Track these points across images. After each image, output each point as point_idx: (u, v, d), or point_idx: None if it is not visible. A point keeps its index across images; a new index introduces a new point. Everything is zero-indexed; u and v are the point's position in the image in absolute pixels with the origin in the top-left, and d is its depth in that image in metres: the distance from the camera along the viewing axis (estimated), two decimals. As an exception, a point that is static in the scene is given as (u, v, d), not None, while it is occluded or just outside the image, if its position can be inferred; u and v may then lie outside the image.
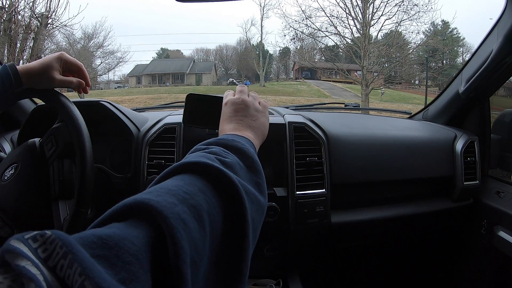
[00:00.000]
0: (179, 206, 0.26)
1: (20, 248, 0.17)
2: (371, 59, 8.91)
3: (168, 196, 0.26)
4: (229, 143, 0.40)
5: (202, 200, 0.28)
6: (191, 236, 0.25)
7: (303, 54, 11.66)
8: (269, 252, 0.88)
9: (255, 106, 0.52)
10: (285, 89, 15.01)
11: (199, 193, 0.29)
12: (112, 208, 0.25)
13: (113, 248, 0.20)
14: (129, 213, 0.25)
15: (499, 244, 0.95)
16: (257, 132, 0.49)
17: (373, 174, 0.95)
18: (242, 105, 0.51)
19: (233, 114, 0.50)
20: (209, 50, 21.42)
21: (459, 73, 1.10)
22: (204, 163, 0.32)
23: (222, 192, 0.31)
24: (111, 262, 0.19)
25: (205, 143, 0.40)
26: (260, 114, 0.52)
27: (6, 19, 5.92)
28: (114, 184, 0.87)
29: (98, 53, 10.59)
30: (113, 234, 0.21)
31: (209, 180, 0.32)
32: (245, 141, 0.43)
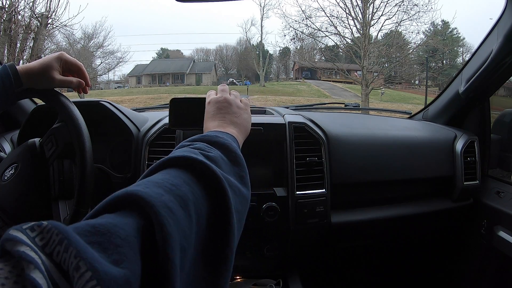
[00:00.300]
0: (165, 196, 0.27)
1: (18, 236, 0.18)
2: (371, 59, 8.91)
3: (155, 188, 0.28)
4: (212, 139, 0.42)
5: (187, 191, 0.30)
6: (179, 223, 0.26)
7: (303, 54, 11.66)
8: (269, 252, 0.88)
9: (237, 103, 0.54)
10: (285, 89, 15.00)
11: (185, 184, 0.31)
12: (104, 200, 0.27)
13: (105, 234, 0.21)
14: (120, 204, 0.26)
15: (499, 244, 0.95)
16: (240, 128, 0.51)
17: (373, 174, 0.95)
18: (224, 103, 0.53)
19: (216, 112, 0.52)
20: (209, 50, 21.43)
21: (459, 73, 1.10)
22: (189, 157, 0.34)
23: (206, 184, 0.33)
24: (103, 246, 0.21)
25: (189, 140, 0.42)
26: (242, 111, 0.54)
27: (6, 19, 5.92)
28: (114, 184, 0.87)
29: (98, 53, 10.59)
30: (105, 223, 0.23)
31: (194, 173, 0.33)
32: (228, 136, 0.45)
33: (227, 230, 0.32)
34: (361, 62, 8.62)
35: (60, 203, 0.70)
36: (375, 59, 9.06)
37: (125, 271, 0.20)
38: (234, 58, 20.61)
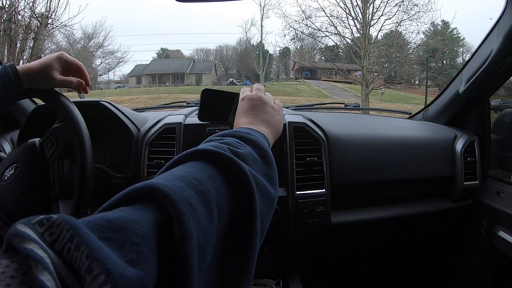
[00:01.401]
0: (187, 191, 0.26)
1: (26, 232, 0.17)
2: (371, 59, 8.91)
3: (177, 181, 0.26)
4: (244, 135, 0.40)
5: (211, 187, 0.28)
6: (199, 221, 0.25)
7: (303, 54, 11.66)
8: (269, 252, 0.88)
9: (271, 103, 0.53)
10: (285, 89, 15.01)
11: (209, 179, 0.29)
12: (121, 192, 0.25)
13: (121, 230, 0.20)
14: (138, 197, 0.25)
15: (499, 244, 0.95)
16: (272, 128, 0.50)
17: (373, 174, 0.95)
18: (259, 101, 0.51)
19: (250, 109, 0.50)
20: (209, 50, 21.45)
21: (459, 73, 1.10)
22: (216, 151, 0.32)
23: (231, 180, 0.31)
24: (118, 243, 0.19)
25: (219, 135, 0.40)
26: (276, 112, 0.52)
27: (6, 19, 5.92)
28: (114, 184, 0.87)
29: (98, 53, 10.61)
30: (121, 217, 0.21)
31: (219, 168, 0.32)
32: (260, 135, 0.44)
33: (250, 231, 0.30)
34: (361, 62, 8.63)
35: (60, 203, 0.70)
36: (375, 59, 9.07)
37: (142, 273, 0.19)
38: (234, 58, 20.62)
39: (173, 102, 1.37)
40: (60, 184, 0.71)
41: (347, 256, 1.24)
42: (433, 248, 1.25)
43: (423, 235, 1.18)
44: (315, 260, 1.14)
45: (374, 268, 1.32)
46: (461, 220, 1.10)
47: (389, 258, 1.30)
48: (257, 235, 0.30)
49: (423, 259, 1.28)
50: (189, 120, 0.88)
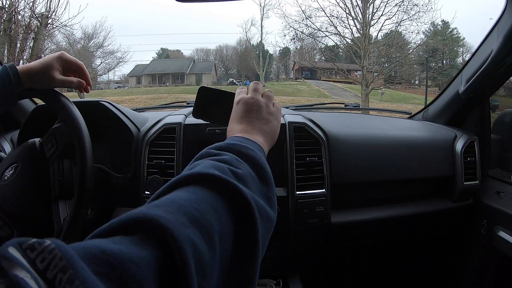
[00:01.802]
0: (189, 228, 0.25)
1: (17, 257, 0.16)
2: (371, 59, 8.91)
3: (178, 214, 0.25)
4: (242, 150, 0.38)
5: (214, 220, 0.27)
6: (201, 260, 0.24)
7: (303, 54, 11.67)
8: (269, 252, 0.87)
9: (269, 108, 0.49)
10: (285, 89, 15.00)
11: (211, 211, 0.28)
12: (120, 218, 0.24)
13: (117, 268, 0.19)
14: (138, 227, 0.23)
15: (499, 244, 0.95)
16: (267, 137, 0.47)
17: (373, 174, 0.95)
18: (255, 106, 0.48)
19: (244, 115, 0.47)
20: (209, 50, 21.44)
21: (459, 73, 1.10)
22: (218, 176, 0.31)
23: (235, 211, 0.30)
24: (114, 283, 0.18)
25: (216, 147, 0.38)
26: (273, 117, 0.49)
27: (6, 19, 5.92)
28: (114, 184, 0.87)
29: (98, 53, 10.61)
30: (118, 252, 0.20)
31: (223, 196, 0.30)
32: (257, 147, 0.42)
33: (251, 261, 0.29)
34: (361, 62, 8.63)
35: (60, 203, 0.70)
36: (375, 59, 9.07)
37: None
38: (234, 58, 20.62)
39: (173, 102, 1.37)
40: (60, 184, 0.71)
41: (347, 256, 1.24)
42: (433, 248, 1.25)
43: (423, 235, 1.18)
44: (315, 260, 1.14)
45: (374, 268, 1.32)
46: (461, 220, 1.10)
47: (389, 258, 1.30)
48: (258, 263, 0.30)
49: (423, 259, 1.28)
50: (189, 120, 0.88)
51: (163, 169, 0.81)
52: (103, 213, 0.86)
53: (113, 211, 0.89)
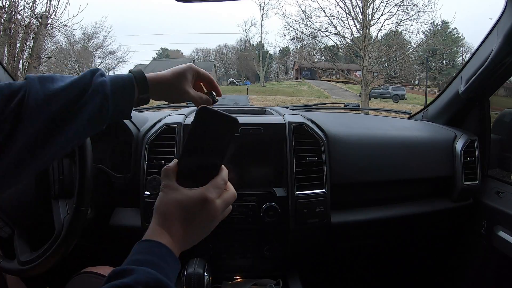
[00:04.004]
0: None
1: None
2: (371, 59, 8.90)
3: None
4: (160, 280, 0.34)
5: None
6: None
7: (303, 54, 11.65)
8: (269, 252, 0.88)
9: (216, 215, 0.42)
10: (285, 89, 15.00)
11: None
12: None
13: None
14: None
15: (499, 244, 0.95)
16: (190, 241, 0.42)
17: (373, 174, 0.95)
18: (208, 213, 0.41)
19: (187, 217, 0.40)
20: (209, 50, 21.43)
21: (459, 73, 1.10)
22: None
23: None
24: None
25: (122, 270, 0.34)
26: (211, 220, 0.42)
27: (6, 19, 5.92)
28: (114, 184, 0.87)
29: (98, 53, 10.59)
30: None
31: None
32: (171, 263, 0.37)
33: None
34: (361, 62, 8.62)
35: (60, 202, 0.71)
36: (375, 59, 9.06)
37: None
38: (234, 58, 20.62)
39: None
40: (60, 183, 0.71)
41: (347, 256, 1.24)
42: (433, 248, 1.25)
43: (423, 235, 1.18)
44: (315, 260, 1.14)
45: (374, 268, 1.32)
46: (461, 220, 1.10)
47: (389, 258, 1.30)
48: None
49: (423, 259, 1.28)
50: (189, 120, 0.88)
51: (163, 169, 0.81)
52: (103, 212, 0.86)
53: (113, 211, 0.89)
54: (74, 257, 0.77)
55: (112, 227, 0.87)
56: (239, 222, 0.82)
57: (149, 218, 0.79)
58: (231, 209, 0.45)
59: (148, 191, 0.80)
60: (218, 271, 0.84)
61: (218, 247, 0.87)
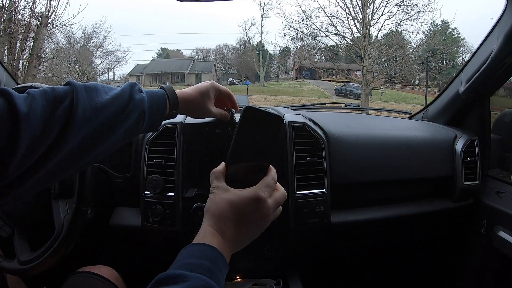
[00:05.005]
0: None
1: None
2: (371, 59, 8.91)
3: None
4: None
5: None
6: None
7: (303, 54, 11.66)
8: (269, 252, 0.88)
9: (269, 216, 0.43)
10: (285, 89, 15.00)
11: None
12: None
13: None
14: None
15: (499, 244, 0.95)
16: (239, 244, 0.42)
17: (373, 174, 0.95)
18: (258, 215, 0.41)
19: (240, 217, 0.40)
20: (209, 50, 21.40)
21: (459, 73, 1.10)
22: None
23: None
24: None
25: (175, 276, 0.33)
26: (264, 222, 0.43)
27: (6, 18, 5.91)
28: (114, 184, 0.87)
29: (98, 52, 10.59)
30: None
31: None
32: (223, 269, 0.37)
33: None
34: (361, 62, 8.63)
35: (60, 202, 0.71)
36: (375, 59, 9.07)
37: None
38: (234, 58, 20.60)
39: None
40: (60, 183, 0.71)
41: (347, 256, 1.24)
42: (433, 248, 1.25)
43: (423, 235, 1.18)
44: (315, 260, 1.14)
45: (374, 268, 1.32)
46: (461, 220, 1.10)
47: (389, 258, 1.30)
48: None
49: (423, 259, 1.28)
50: (189, 120, 0.88)
51: (163, 168, 0.81)
52: (103, 212, 0.86)
53: (113, 210, 0.89)
54: (74, 257, 0.77)
55: (112, 227, 0.87)
56: (239, 222, 0.82)
57: (149, 217, 0.79)
58: (281, 210, 0.45)
59: (148, 190, 0.80)
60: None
61: (218, 247, 0.86)
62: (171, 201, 0.79)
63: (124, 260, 1.04)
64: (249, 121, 0.40)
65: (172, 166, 0.81)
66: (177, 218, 0.80)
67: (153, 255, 0.99)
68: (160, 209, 0.79)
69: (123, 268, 0.84)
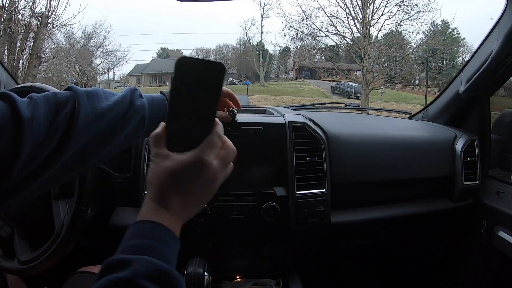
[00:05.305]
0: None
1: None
2: (371, 59, 8.90)
3: None
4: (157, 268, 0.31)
5: None
6: None
7: (303, 54, 11.66)
8: (269, 252, 0.88)
9: (216, 178, 0.38)
10: (285, 89, 14.99)
11: None
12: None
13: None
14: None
15: (499, 244, 0.95)
16: (187, 214, 0.38)
17: (373, 174, 0.95)
18: (203, 181, 0.37)
19: (177, 181, 0.36)
20: (209, 50, 21.38)
21: (459, 73, 1.10)
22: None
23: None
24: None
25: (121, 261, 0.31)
26: (214, 184, 0.38)
27: (6, 18, 5.91)
28: (114, 184, 0.87)
29: (98, 52, 10.56)
30: None
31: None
32: (172, 245, 0.35)
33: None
34: (361, 62, 8.62)
35: (60, 202, 0.71)
36: (375, 59, 9.06)
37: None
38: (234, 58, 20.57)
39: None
40: (60, 183, 0.71)
41: (347, 256, 1.24)
42: (433, 248, 1.25)
43: (423, 235, 1.18)
44: (315, 260, 1.14)
45: (374, 268, 1.32)
46: (461, 220, 1.10)
47: (389, 258, 1.30)
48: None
49: (423, 259, 1.28)
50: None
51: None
52: (103, 212, 0.86)
53: (113, 210, 0.89)
54: (74, 257, 0.77)
55: (112, 227, 0.87)
56: (239, 222, 0.82)
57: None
58: (233, 167, 0.41)
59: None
60: (218, 271, 0.84)
61: (218, 247, 0.87)
62: (171, 201, 0.79)
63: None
64: (185, 72, 0.36)
65: (172, 166, 0.81)
66: (177, 218, 0.80)
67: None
68: (160, 209, 0.79)
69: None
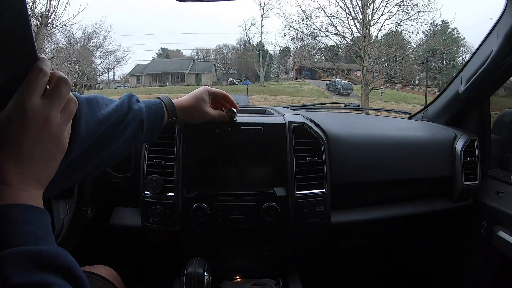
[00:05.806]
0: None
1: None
2: (371, 59, 8.91)
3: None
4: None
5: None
6: None
7: (303, 54, 11.65)
8: (269, 252, 0.88)
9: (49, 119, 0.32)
10: (285, 89, 15.00)
11: None
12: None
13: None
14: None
15: (499, 244, 0.95)
16: (40, 177, 0.32)
17: (373, 174, 0.95)
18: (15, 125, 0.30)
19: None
20: (209, 50, 21.37)
21: (459, 73, 1.10)
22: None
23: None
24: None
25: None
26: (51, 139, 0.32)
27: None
28: (114, 184, 0.87)
29: (98, 52, 10.57)
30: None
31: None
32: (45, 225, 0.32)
33: None
34: (361, 62, 8.62)
35: (60, 202, 0.71)
36: (375, 59, 9.07)
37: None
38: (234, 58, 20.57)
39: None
40: (60, 183, 0.71)
41: (347, 256, 1.24)
42: (433, 248, 1.25)
43: (423, 235, 1.18)
44: (315, 260, 1.14)
45: (374, 268, 1.32)
46: (461, 220, 1.10)
47: (389, 258, 1.30)
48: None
49: (423, 259, 1.28)
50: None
51: (163, 168, 0.81)
52: (103, 212, 0.86)
53: (113, 210, 0.89)
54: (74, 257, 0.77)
55: (112, 227, 0.87)
56: (239, 222, 0.82)
57: (149, 217, 0.80)
58: (74, 110, 0.34)
59: (148, 190, 0.80)
60: (218, 271, 0.84)
61: (218, 247, 0.87)
62: (171, 201, 0.80)
63: (124, 260, 1.04)
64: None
65: (172, 166, 0.81)
66: (177, 218, 0.80)
67: (152, 255, 0.99)
68: (160, 209, 0.79)
69: (123, 268, 0.84)
